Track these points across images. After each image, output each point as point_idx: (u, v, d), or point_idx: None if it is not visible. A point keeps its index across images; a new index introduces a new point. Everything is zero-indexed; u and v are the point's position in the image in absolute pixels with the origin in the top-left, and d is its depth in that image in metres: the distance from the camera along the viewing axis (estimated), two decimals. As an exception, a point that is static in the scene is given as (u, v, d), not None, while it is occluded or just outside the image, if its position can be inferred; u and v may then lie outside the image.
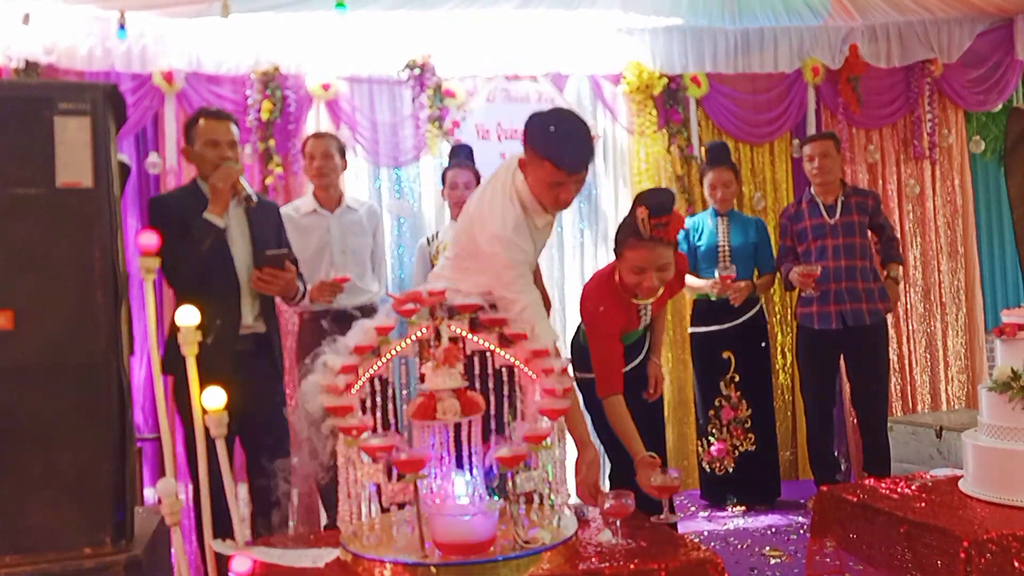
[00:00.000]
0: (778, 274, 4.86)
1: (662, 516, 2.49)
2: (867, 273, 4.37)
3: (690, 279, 4.65)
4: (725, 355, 4.63)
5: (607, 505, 2.32)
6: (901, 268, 4.65)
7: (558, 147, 2.53)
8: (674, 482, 2.52)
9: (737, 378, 4.64)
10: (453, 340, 2.26)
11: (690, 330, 4.80)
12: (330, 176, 4.02)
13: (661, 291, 3.07)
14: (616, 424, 2.87)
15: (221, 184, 3.16)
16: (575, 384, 3.06)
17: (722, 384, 4.65)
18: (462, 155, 4.34)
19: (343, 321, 2.58)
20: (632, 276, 2.90)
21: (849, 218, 4.35)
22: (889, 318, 4.57)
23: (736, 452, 4.64)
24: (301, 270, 3.58)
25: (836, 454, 4.87)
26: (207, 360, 2.59)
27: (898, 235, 4.66)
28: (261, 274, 3.22)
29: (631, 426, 2.82)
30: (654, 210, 2.79)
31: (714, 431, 4.67)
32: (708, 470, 4.72)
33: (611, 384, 2.90)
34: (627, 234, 2.89)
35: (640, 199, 2.89)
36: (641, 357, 3.34)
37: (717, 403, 4.67)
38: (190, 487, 4.35)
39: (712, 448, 4.66)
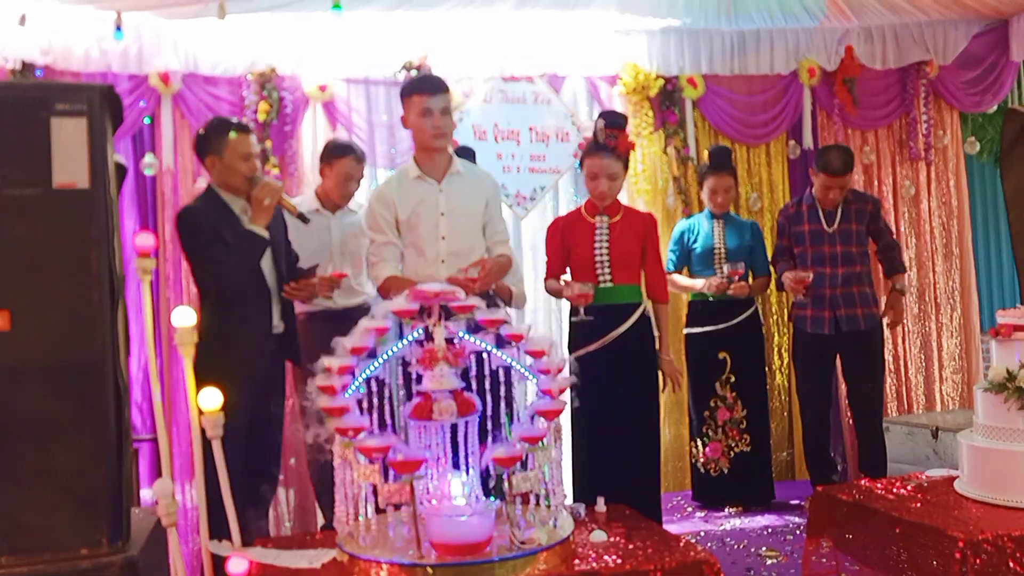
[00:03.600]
0: (773, 275, 4.87)
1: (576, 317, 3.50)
2: (863, 278, 4.36)
3: (687, 280, 4.66)
4: (721, 356, 4.63)
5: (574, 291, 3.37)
6: (906, 277, 4.59)
7: (415, 80, 3.45)
8: (589, 290, 3.47)
9: (733, 379, 4.64)
10: (448, 341, 2.27)
11: (685, 331, 4.80)
12: (352, 197, 4.13)
13: (622, 219, 3.70)
14: (554, 292, 3.81)
15: (269, 201, 3.30)
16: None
17: (717, 385, 4.65)
18: (467, 157, 4.33)
19: (338, 321, 2.61)
20: (588, 183, 3.68)
21: (848, 226, 4.34)
22: (885, 319, 4.57)
23: (731, 453, 4.64)
24: (299, 267, 3.74)
25: (832, 454, 4.88)
26: (242, 363, 2.64)
27: (895, 240, 4.58)
28: (297, 285, 3.39)
29: (559, 286, 3.69)
30: (608, 122, 3.63)
31: (709, 432, 4.67)
32: (702, 471, 4.72)
33: (549, 273, 3.81)
34: (587, 148, 3.70)
35: (600, 115, 3.75)
36: (627, 327, 3.57)
37: (712, 404, 4.67)
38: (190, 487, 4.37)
39: (707, 449, 4.67)
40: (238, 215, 3.34)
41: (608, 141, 3.60)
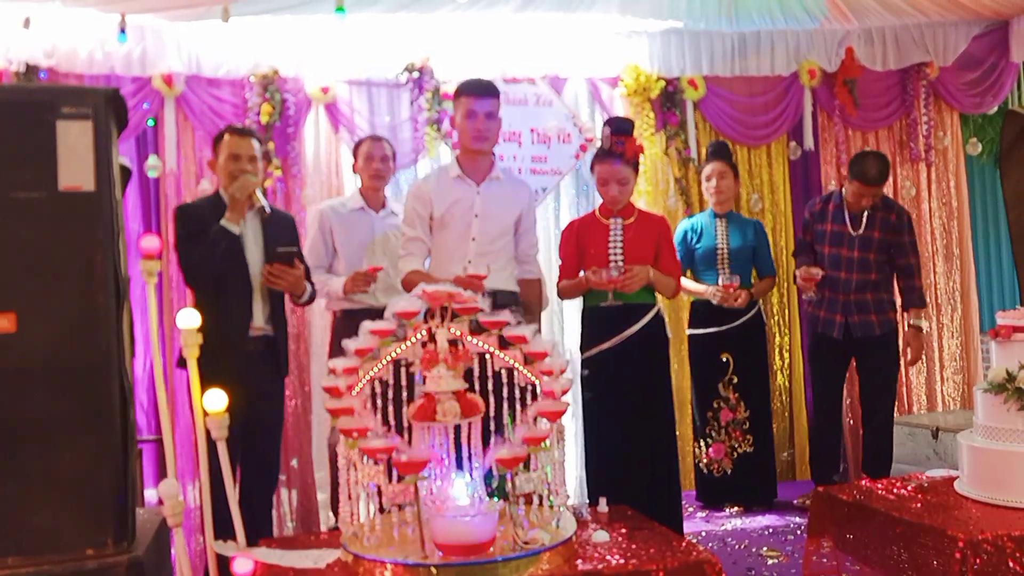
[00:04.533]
0: (777, 277, 4.88)
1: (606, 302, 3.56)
2: (880, 285, 4.35)
3: (690, 283, 4.67)
4: (724, 357, 4.64)
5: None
6: (924, 311, 4.49)
7: (466, 82, 3.50)
8: (618, 274, 3.47)
9: (735, 380, 4.65)
10: (452, 342, 2.28)
11: (688, 331, 4.81)
12: (386, 178, 4.14)
13: (634, 217, 3.73)
14: (569, 290, 3.78)
15: (239, 195, 3.36)
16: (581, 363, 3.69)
17: (720, 386, 4.66)
18: None
19: (377, 318, 2.62)
20: (600, 188, 3.73)
21: (871, 233, 4.30)
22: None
23: (734, 454, 4.65)
24: (342, 264, 3.91)
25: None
26: (217, 358, 2.68)
27: (916, 264, 4.40)
28: (272, 269, 3.40)
29: (576, 280, 3.69)
30: (614, 129, 3.66)
31: (712, 433, 4.68)
32: (705, 472, 4.73)
33: (564, 275, 3.80)
34: (596, 154, 3.76)
35: (606, 123, 3.75)
36: (640, 327, 3.58)
37: (715, 405, 4.68)
38: (192, 488, 4.38)
39: (710, 449, 4.68)
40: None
41: (616, 148, 3.64)
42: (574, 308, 4.80)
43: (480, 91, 3.41)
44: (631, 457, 3.49)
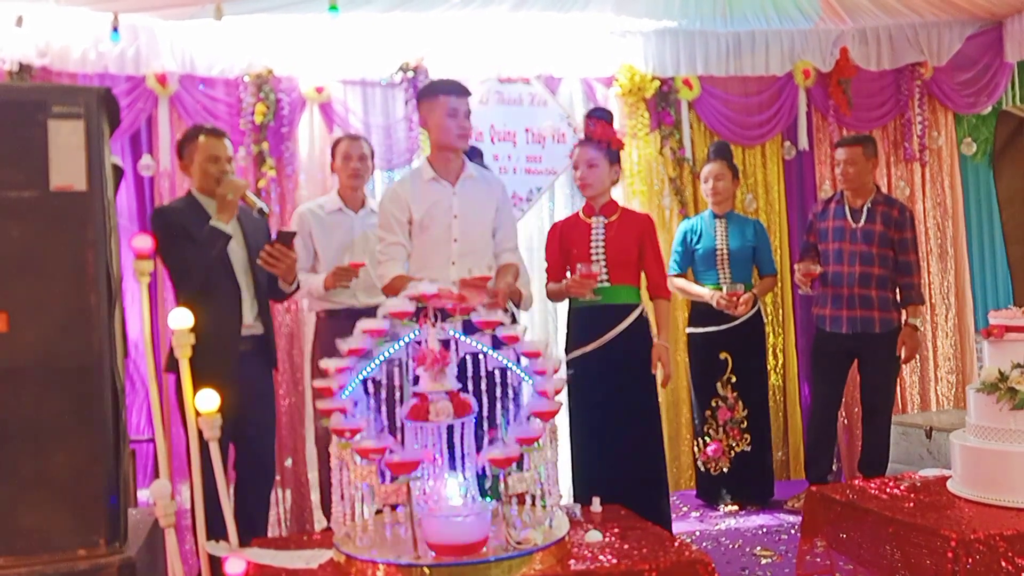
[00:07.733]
0: (779, 275, 4.89)
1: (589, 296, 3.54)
2: (884, 281, 4.35)
3: (691, 286, 4.66)
4: (722, 356, 4.64)
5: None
6: (922, 309, 4.47)
7: (442, 83, 3.40)
8: (593, 270, 3.45)
9: (734, 379, 4.65)
10: (443, 342, 2.28)
11: (688, 330, 4.82)
12: (364, 177, 4.10)
13: (620, 218, 3.72)
14: (555, 294, 3.78)
15: (232, 196, 3.33)
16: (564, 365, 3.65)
17: (719, 385, 4.66)
18: (476, 156, 4.32)
19: (360, 319, 2.61)
20: (575, 175, 3.79)
21: (871, 226, 4.32)
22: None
23: (732, 452, 4.66)
24: (322, 267, 3.84)
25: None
26: (211, 360, 2.67)
27: (916, 261, 4.38)
28: (272, 250, 3.36)
29: (560, 286, 3.66)
30: (588, 113, 3.77)
31: (710, 431, 4.69)
32: (703, 470, 4.74)
33: (550, 277, 3.81)
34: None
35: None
36: (624, 327, 3.57)
37: (714, 404, 4.68)
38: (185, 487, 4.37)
39: (708, 448, 4.68)
40: (214, 216, 3.39)
41: (587, 130, 3.68)
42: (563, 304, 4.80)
43: (460, 90, 3.38)
44: (617, 458, 3.48)
